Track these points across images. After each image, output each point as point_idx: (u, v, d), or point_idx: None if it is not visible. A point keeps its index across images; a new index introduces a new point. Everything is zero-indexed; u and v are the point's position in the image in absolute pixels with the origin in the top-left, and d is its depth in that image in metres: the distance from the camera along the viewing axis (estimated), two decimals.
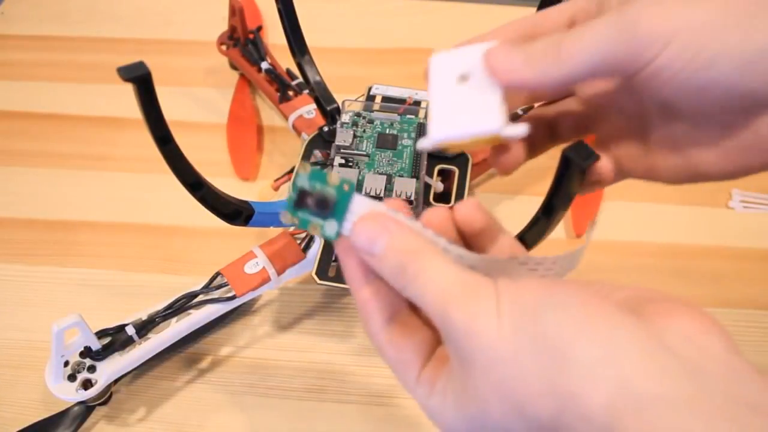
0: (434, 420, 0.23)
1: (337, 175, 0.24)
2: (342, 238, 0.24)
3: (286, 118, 0.54)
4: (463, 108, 0.25)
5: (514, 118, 0.31)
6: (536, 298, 0.20)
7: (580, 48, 0.23)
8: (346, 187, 0.24)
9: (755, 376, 0.18)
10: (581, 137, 0.30)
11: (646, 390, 0.18)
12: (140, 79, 0.27)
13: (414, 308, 0.24)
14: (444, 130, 0.25)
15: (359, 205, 0.24)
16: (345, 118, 0.45)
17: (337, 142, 0.43)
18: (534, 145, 0.30)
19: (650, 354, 0.18)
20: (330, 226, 0.24)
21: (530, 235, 0.30)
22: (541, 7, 0.40)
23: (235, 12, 0.58)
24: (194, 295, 0.41)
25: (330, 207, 0.24)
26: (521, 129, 0.24)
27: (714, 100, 0.23)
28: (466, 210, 0.24)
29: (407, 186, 0.40)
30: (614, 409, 0.18)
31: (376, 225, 0.23)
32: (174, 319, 0.41)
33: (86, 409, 0.41)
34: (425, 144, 0.25)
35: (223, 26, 0.61)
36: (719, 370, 0.18)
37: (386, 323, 0.24)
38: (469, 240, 0.25)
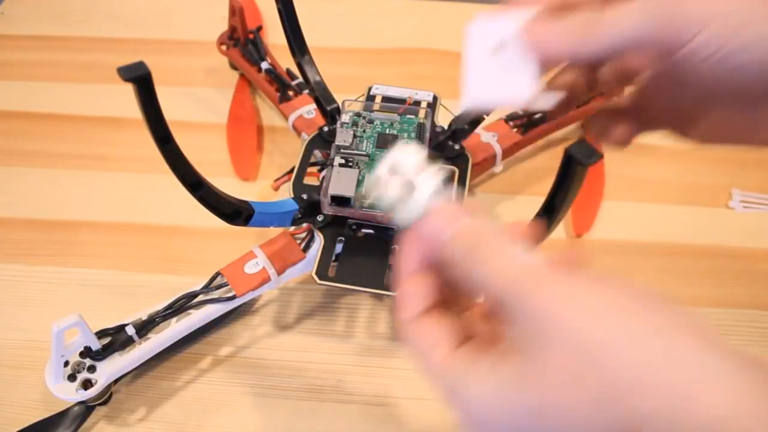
0: (463, 404, 0.22)
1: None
2: (414, 223, 0.24)
3: (286, 118, 0.54)
4: (498, 78, 0.26)
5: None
6: (631, 291, 0.20)
7: (620, 25, 0.24)
8: None
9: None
10: (621, 87, 0.31)
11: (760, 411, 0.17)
12: (140, 79, 0.27)
13: (447, 306, 0.25)
14: (479, 97, 0.26)
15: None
16: (345, 118, 0.45)
17: (337, 142, 0.43)
18: (574, 95, 0.30)
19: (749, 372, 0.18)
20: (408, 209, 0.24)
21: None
22: None
23: (235, 12, 0.58)
24: (194, 295, 0.41)
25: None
26: (551, 100, 0.26)
27: (744, 80, 0.24)
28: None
29: None
30: (737, 428, 0.16)
31: (452, 211, 0.24)
32: (174, 319, 0.41)
33: (86, 409, 0.40)
34: (460, 109, 0.27)
35: (223, 26, 0.61)
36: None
37: (420, 313, 0.24)
38: None
